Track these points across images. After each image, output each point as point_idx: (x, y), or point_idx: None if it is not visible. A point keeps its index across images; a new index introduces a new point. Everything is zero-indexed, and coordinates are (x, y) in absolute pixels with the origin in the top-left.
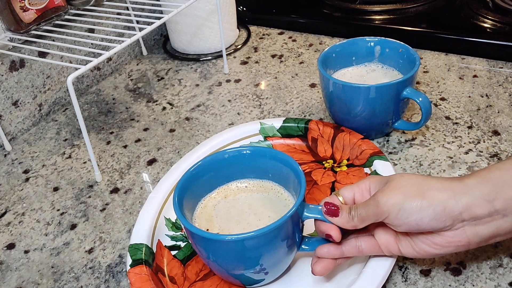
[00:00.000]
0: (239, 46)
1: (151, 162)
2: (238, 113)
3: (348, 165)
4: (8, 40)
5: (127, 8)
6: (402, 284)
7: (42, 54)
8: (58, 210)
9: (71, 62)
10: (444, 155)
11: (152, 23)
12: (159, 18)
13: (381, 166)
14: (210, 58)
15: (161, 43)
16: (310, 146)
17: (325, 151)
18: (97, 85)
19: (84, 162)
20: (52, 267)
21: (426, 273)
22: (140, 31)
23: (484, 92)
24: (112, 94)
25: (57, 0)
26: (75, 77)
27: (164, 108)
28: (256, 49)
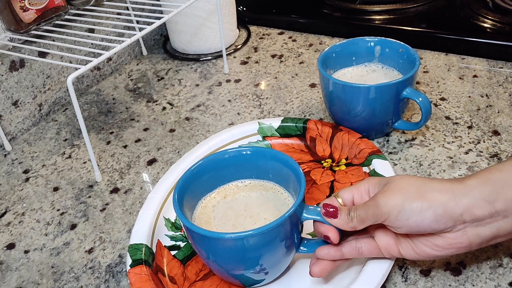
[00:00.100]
0: (239, 46)
1: (151, 162)
2: (238, 113)
3: (347, 164)
4: (8, 40)
5: (127, 8)
6: (402, 284)
7: (42, 54)
8: (58, 210)
9: (71, 62)
10: (444, 155)
11: (152, 23)
12: (159, 18)
13: (380, 165)
14: (210, 58)
15: (161, 43)
16: (309, 146)
17: (324, 151)
18: (97, 85)
19: (84, 162)
20: (52, 267)
21: (426, 273)
22: (140, 31)
23: (484, 92)
24: (112, 94)
25: (57, 0)
26: (75, 77)
27: (164, 108)
28: (256, 49)
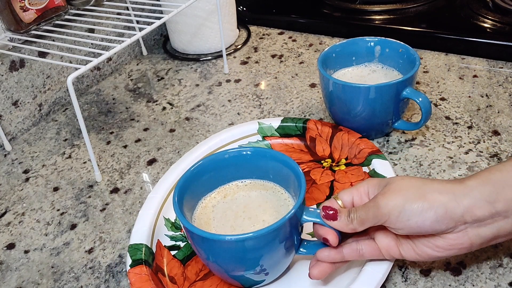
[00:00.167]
0: (239, 46)
1: (151, 162)
2: (238, 113)
3: (347, 164)
4: (8, 40)
5: (127, 8)
6: (402, 284)
7: (42, 54)
8: (58, 210)
9: (71, 62)
10: (444, 155)
11: (152, 23)
12: (159, 18)
13: (380, 165)
14: (210, 58)
15: (161, 43)
16: (309, 146)
17: (324, 150)
18: (97, 85)
19: (84, 162)
20: (52, 267)
21: (426, 273)
22: (140, 31)
23: (484, 92)
24: (112, 94)
25: (57, 0)
26: (75, 77)
27: (164, 108)
28: (256, 49)
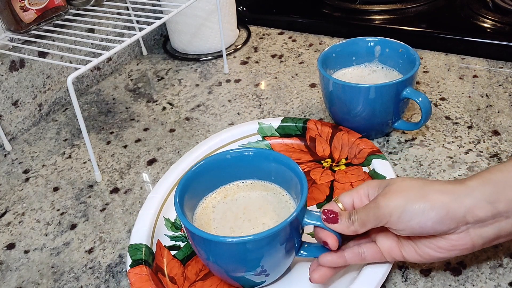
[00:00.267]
0: (239, 46)
1: (151, 162)
2: (238, 113)
3: (347, 164)
4: (8, 40)
5: (127, 8)
6: (402, 284)
7: (42, 54)
8: (58, 210)
9: (71, 62)
10: (444, 155)
11: (152, 23)
12: (159, 18)
13: (380, 165)
14: (210, 58)
15: (161, 43)
16: (309, 146)
17: (324, 150)
18: (97, 85)
19: (84, 162)
20: (52, 267)
21: (426, 273)
22: (140, 31)
23: (484, 92)
24: (112, 94)
25: (57, 0)
26: (75, 77)
27: (164, 108)
28: (256, 49)
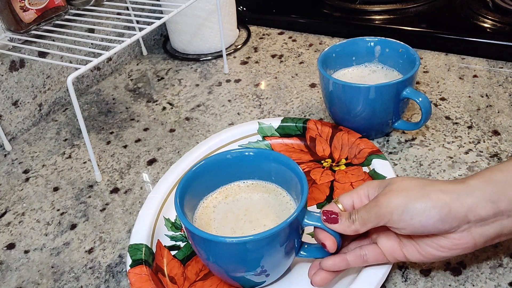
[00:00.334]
0: (239, 46)
1: (151, 162)
2: (238, 113)
3: (347, 164)
4: (8, 40)
5: (127, 8)
6: (402, 284)
7: (42, 54)
8: (58, 210)
9: (71, 62)
10: (444, 155)
11: (152, 23)
12: (159, 18)
13: (380, 165)
14: (210, 58)
15: (161, 43)
16: (309, 146)
17: (324, 150)
18: (97, 85)
19: (84, 162)
20: (52, 267)
21: (426, 273)
22: (140, 31)
23: (484, 92)
24: (112, 94)
25: (57, 0)
26: (75, 77)
27: (164, 108)
28: (256, 49)
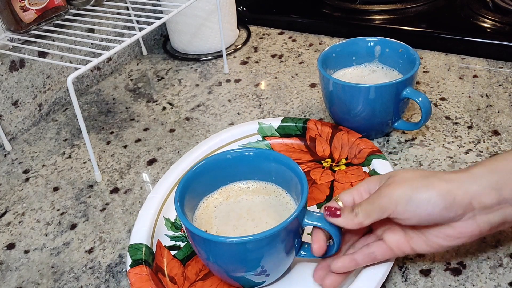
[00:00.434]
0: (239, 46)
1: (151, 162)
2: (238, 113)
3: (347, 164)
4: (8, 40)
5: (127, 8)
6: (402, 284)
7: (42, 54)
8: (58, 210)
9: (71, 62)
10: (444, 155)
11: (152, 23)
12: (159, 18)
13: (380, 165)
14: (210, 58)
15: (161, 43)
16: (309, 146)
17: (324, 150)
18: (97, 85)
19: (84, 162)
20: (52, 267)
21: (426, 273)
22: (140, 31)
23: (484, 92)
24: (112, 94)
25: (57, 0)
26: (75, 77)
27: (164, 108)
28: (256, 49)
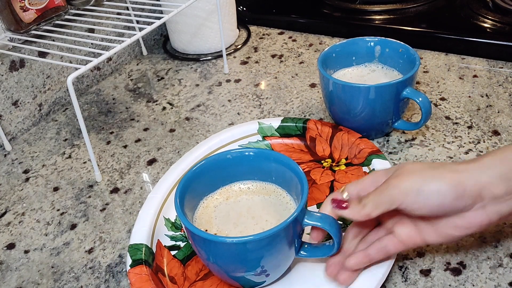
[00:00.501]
0: (239, 46)
1: (151, 162)
2: (238, 113)
3: (347, 164)
4: (8, 40)
5: (127, 8)
6: (402, 284)
7: (42, 54)
8: (58, 210)
9: (71, 62)
10: (444, 155)
11: (152, 23)
12: (159, 18)
13: (380, 165)
14: (210, 58)
15: (161, 43)
16: (309, 146)
17: (324, 150)
18: (97, 85)
19: (84, 162)
20: (52, 267)
21: (426, 273)
22: (140, 31)
23: (484, 92)
24: (112, 94)
25: (57, 0)
26: (75, 77)
27: (164, 108)
28: (256, 49)
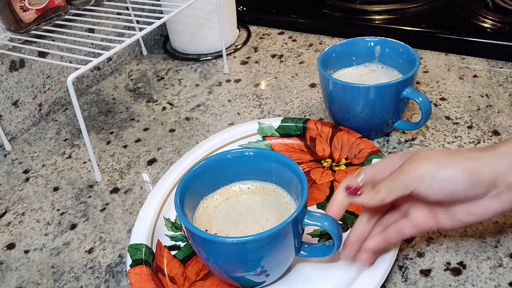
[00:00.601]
0: (239, 46)
1: (151, 162)
2: (238, 113)
3: (347, 164)
4: (8, 40)
5: (127, 8)
6: (402, 284)
7: (42, 54)
8: (58, 210)
9: (71, 62)
10: None
11: (152, 23)
12: (159, 18)
13: None
14: (210, 58)
15: (161, 43)
16: (309, 146)
17: (324, 150)
18: (97, 85)
19: (84, 162)
20: (52, 267)
21: (426, 273)
22: (140, 31)
23: (484, 92)
24: (112, 94)
25: (57, 0)
26: (75, 77)
27: (164, 108)
28: (256, 49)
